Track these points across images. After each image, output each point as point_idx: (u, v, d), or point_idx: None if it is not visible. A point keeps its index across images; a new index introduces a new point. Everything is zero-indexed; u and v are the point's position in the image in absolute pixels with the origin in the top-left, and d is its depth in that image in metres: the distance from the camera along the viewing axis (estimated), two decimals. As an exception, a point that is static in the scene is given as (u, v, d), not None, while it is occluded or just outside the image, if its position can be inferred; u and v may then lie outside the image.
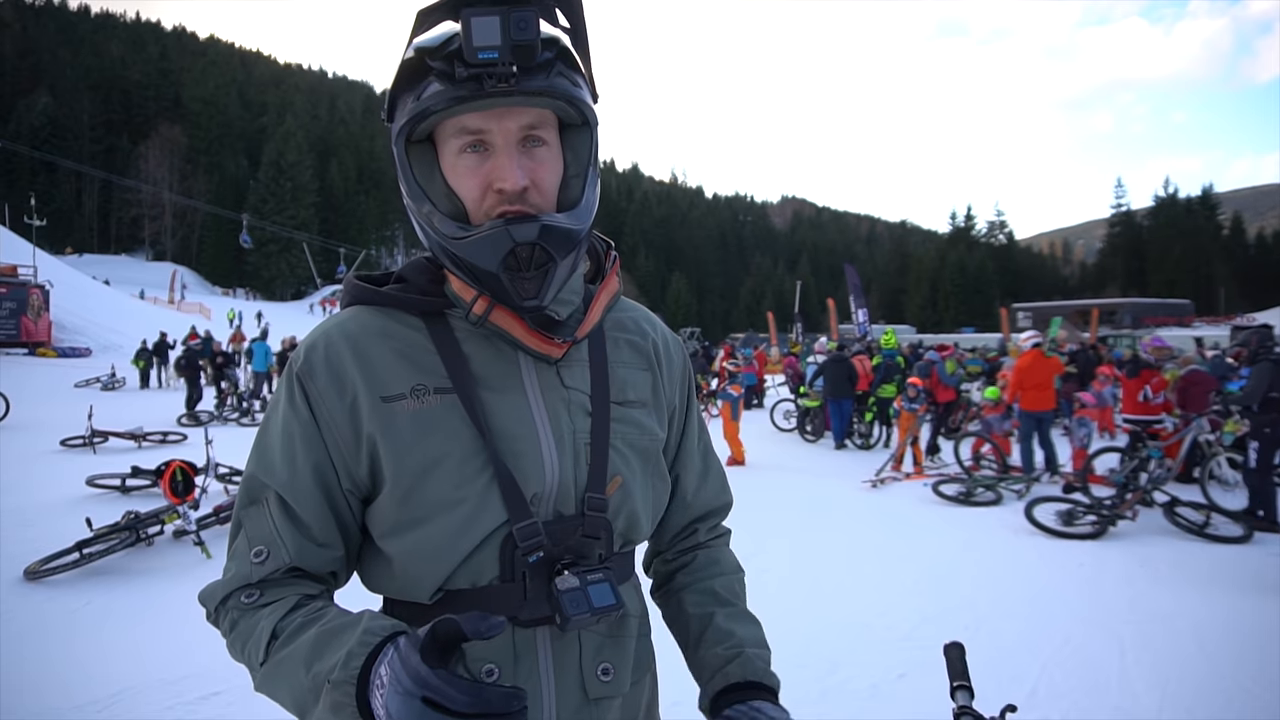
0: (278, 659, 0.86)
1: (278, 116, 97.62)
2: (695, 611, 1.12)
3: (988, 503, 7.99)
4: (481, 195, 0.92)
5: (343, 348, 0.97)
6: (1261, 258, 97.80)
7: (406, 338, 0.98)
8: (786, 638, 4.24)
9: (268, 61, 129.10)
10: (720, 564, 1.19)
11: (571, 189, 0.97)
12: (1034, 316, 50.58)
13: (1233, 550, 6.25)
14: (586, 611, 0.90)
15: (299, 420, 0.96)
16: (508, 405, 0.96)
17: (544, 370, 1.00)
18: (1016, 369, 9.38)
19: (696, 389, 1.19)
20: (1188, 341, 24.33)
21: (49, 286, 27.75)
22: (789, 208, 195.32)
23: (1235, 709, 3.58)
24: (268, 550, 0.93)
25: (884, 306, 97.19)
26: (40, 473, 8.83)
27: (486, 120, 0.90)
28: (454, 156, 0.93)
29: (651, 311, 1.22)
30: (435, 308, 1.00)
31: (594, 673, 0.97)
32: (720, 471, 1.26)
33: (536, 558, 0.93)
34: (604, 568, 0.95)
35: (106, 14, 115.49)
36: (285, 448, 0.96)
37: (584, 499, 0.97)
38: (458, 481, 0.92)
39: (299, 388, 0.96)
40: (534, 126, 0.92)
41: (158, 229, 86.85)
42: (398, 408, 0.94)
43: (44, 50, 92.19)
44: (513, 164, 0.91)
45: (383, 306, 1.02)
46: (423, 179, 0.94)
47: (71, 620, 4.50)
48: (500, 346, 0.99)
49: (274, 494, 0.95)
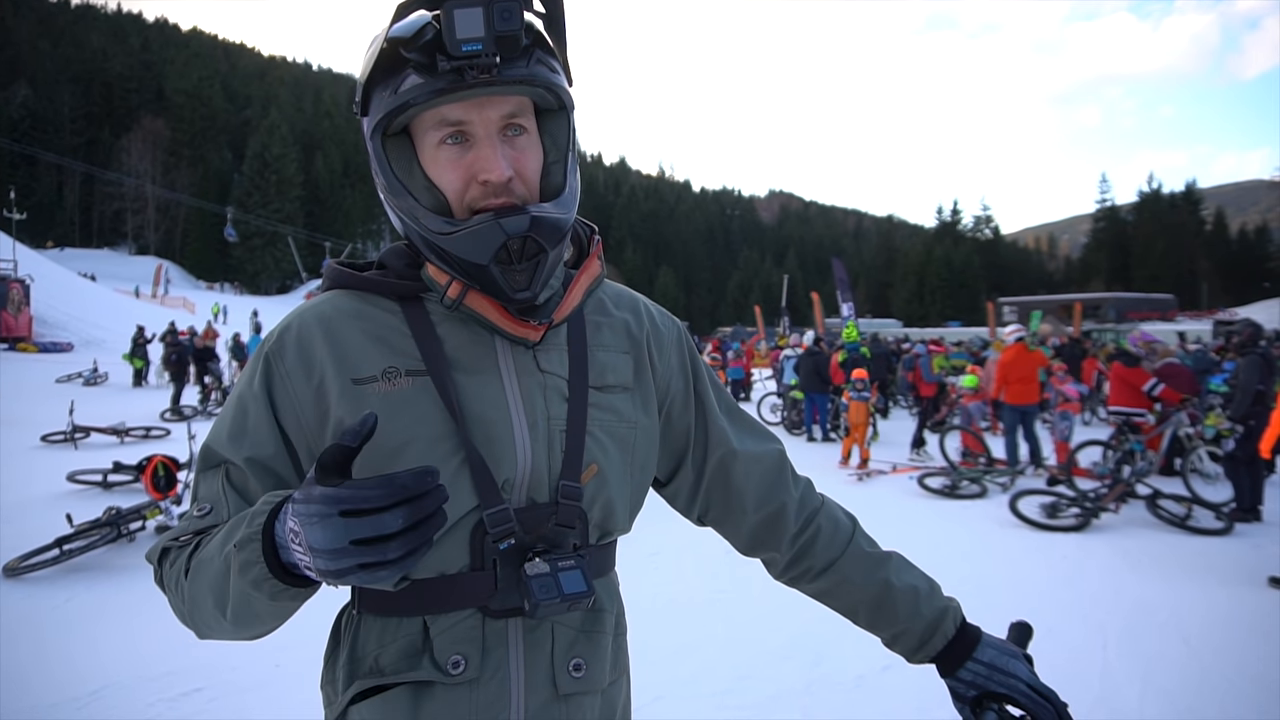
0: (196, 563, 0.86)
1: (262, 109, 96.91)
2: (867, 582, 1.13)
3: (973, 495, 8.04)
4: (464, 187, 0.91)
5: (315, 329, 0.97)
6: (1243, 253, 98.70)
7: (381, 320, 0.98)
8: (772, 631, 4.29)
9: (252, 54, 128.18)
10: (839, 521, 1.18)
11: (553, 176, 0.96)
12: (1019, 311, 50.89)
13: (1214, 542, 6.31)
14: (556, 598, 0.87)
15: (253, 397, 0.96)
16: (481, 388, 0.95)
17: (520, 354, 0.98)
18: (1000, 363, 9.43)
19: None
20: (1170, 336, 24.60)
21: (29, 281, 27.44)
22: (776, 202, 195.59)
23: (1217, 699, 3.61)
24: (210, 506, 0.93)
25: (871, 300, 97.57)
26: (21, 469, 8.74)
27: (467, 111, 0.89)
28: (433, 149, 0.91)
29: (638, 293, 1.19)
30: (410, 291, 0.99)
31: (565, 668, 0.95)
32: (752, 418, 1.22)
33: (507, 545, 0.91)
34: (577, 556, 0.93)
35: (87, 5, 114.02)
36: (237, 421, 0.95)
37: (558, 486, 0.95)
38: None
39: (264, 366, 0.97)
40: (514, 115, 0.91)
41: (141, 223, 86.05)
42: (369, 389, 0.93)
43: (22, 41, 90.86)
44: (496, 155, 0.90)
45: (359, 290, 1.01)
46: (401, 172, 0.93)
47: (52, 617, 4.45)
48: (476, 330, 0.98)
49: (225, 464, 0.95)
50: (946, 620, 1.10)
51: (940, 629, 1.09)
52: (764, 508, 1.15)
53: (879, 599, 1.12)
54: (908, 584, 1.12)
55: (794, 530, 1.15)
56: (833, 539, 1.15)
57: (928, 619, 1.10)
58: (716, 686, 3.67)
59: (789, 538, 1.15)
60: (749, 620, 4.47)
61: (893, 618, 1.11)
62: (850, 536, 1.16)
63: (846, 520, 1.19)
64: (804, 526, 1.16)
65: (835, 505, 1.21)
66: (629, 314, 1.11)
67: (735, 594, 4.88)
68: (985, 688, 1.03)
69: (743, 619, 4.50)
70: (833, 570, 1.14)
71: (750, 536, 1.17)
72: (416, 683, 0.91)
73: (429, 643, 0.92)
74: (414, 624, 0.93)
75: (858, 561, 1.14)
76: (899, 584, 1.12)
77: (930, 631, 1.09)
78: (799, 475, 1.21)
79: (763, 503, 1.15)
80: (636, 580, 1.56)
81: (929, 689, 1.14)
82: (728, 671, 3.83)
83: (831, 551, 1.14)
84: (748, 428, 1.19)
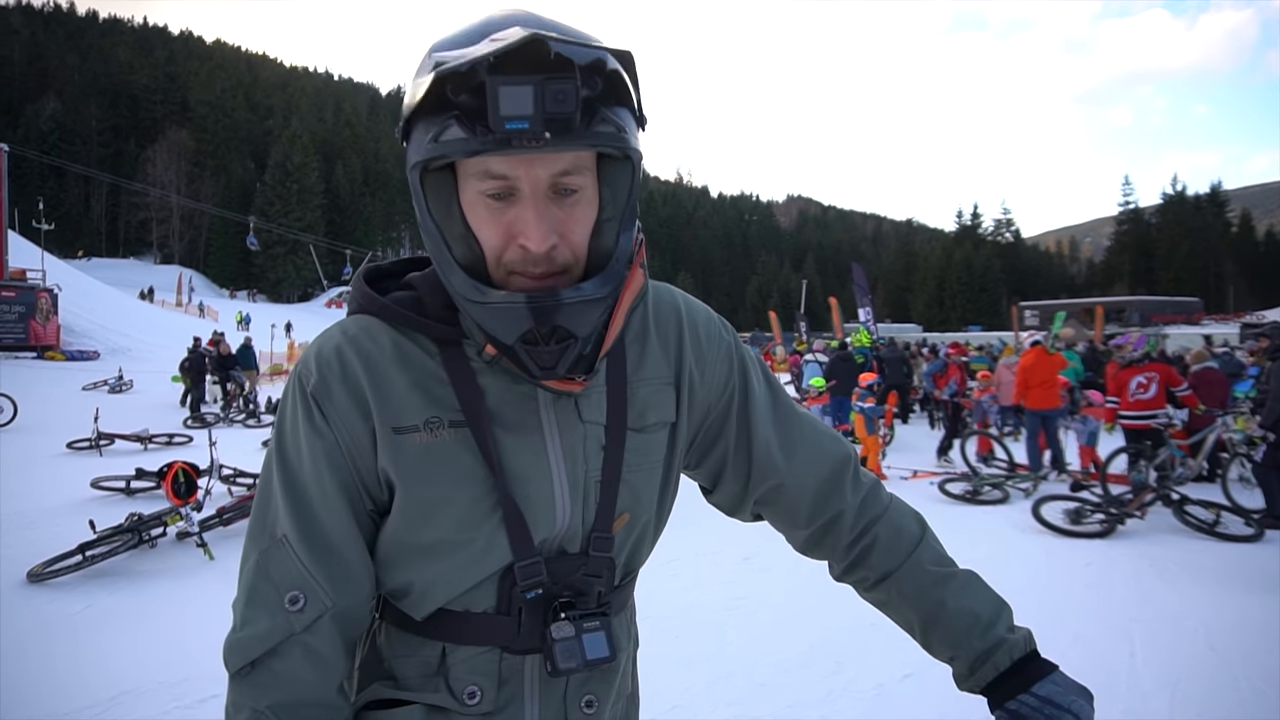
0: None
1: (284, 119, 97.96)
2: (920, 600, 1.05)
3: (994, 501, 7.94)
4: (503, 245, 0.83)
5: (359, 367, 0.90)
6: (1270, 255, 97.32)
7: (420, 363, 0.91)
8: (792, 638, 4.25)
9: (273, 64, 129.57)
10: (902, 530, 1.09)
11: (604, 236, 0.85)
12: (1040, 315, 50.37)
13: (1243, 549, 6.18)
14: (579, 664, 0.89)
15: (323, 442, 0.89)
16: (522, 445, 0.90)
17: (563, 405, 0.93)
18: (1020, 368, 9.31)
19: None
20: (1196, 340, 24.19)
21: (57, 290, 27.84)
22: (795, 206, 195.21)
23: (1246, 709, 3.53)
24: (302, 594, 0.86)
25: (890, 305, 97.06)
26: (46, 475, 8.85)
27: (514, 167, 0.80)
28: (474, 195, 0.82)
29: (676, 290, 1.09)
30: (450, 337, 0.92)
31: (578, 703, 0.96)
32: (812, 425, 1.12)
33: (535, 594, 0.91)
34: (601, 614, 0.92)
35: (114, 19, 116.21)
36: (291, 491, 0.89)
37: (590, 538, 0.93)
38: (466, 522, 0.89)
39: (315, 407, 0.89)
40: (566, 173, 0.81)
41: (165, 232, 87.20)
42: (409, 440, 0.88)
43: (52, 56, 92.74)
44: (540, 220, 0.81)
45: (395, 322, 0.93)
46: (439, 212, 0.84)
47: (73, 622, 4.48)
48: (517, 380, 0.92)
49: (292, 529, 0.88)
50: (1000, 652, 1.00)
51: (991, 660, 1.00)
52: (817, 520, 1.10)
53: (931, 619, 1.04)
54: (966, 608, 1.03)
55: (849, 539, 1.10)
56: (891, 550, 1.08)
57: (979, 649, 1.01)
58: (734, 695, 3.63)
59: (844, 546, 1.10)
60: (767, 628, 4.43)
61: (944, 641, 1.04)
62: (912, 549, 1.08)
63: (914, 529, 1.10)
64: (860, 535, 1.10)
65: (904, 512, 1.12)
66: (672, 332, 1.02)
67: (753, 601, 4.83)
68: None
69: (761, 626, 4.46)
70: (888, 583, 1.07)
71: (804, 542, 1.14)
72: (429, 706, 0.92)
73: (445, 668, 0.92)
74: (433, 647, 0.93)
75: (914, 576, 1.06)
76: (955, 607, 1.03)
77: (980, 661, 1.01)
78: (863, 478, 1.13)
79: (815, 516, 1.10)
80: (653, 588, 1.54)
81: (950, 699, 1.11)
82: (745, 680, 3.79)
83: (888, 563, 1.07)
84: (803, 438, 1.10)
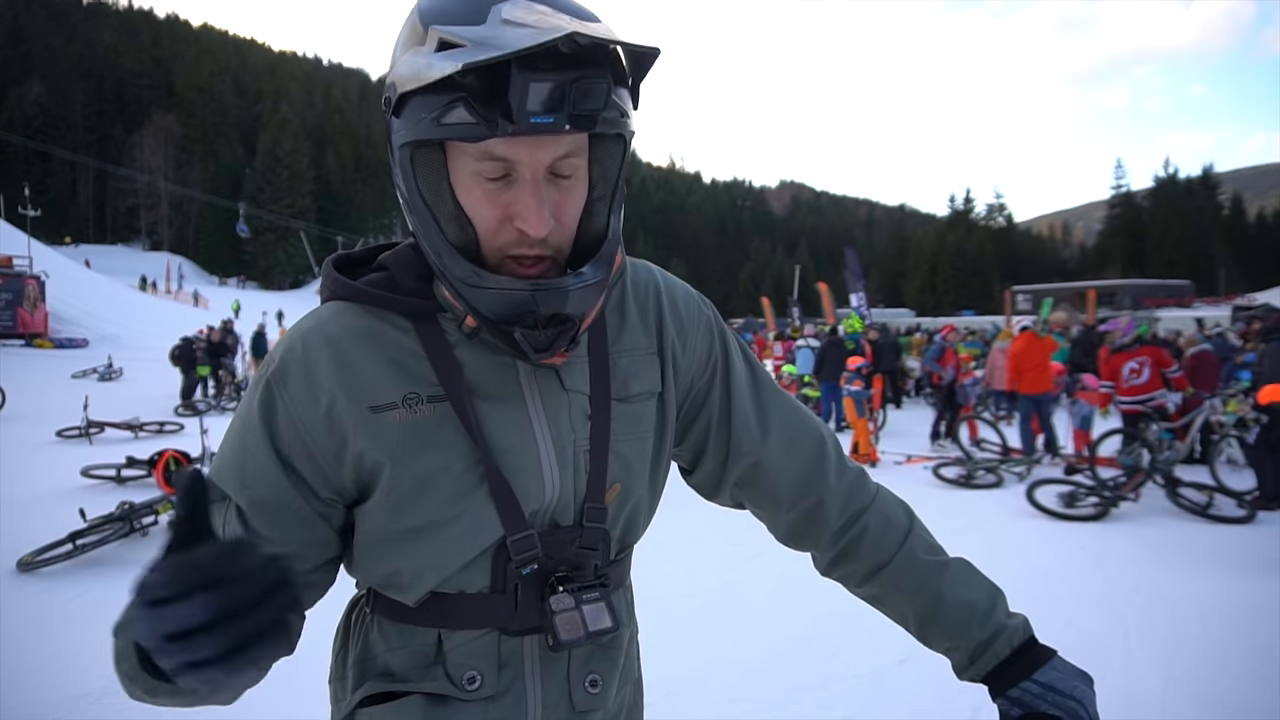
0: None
1: (273, 104, 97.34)
2: (916, 593, 1.02)
3: (989, 485, 7.96)
4: (498, 226, 0.81)
5: (321, 352, 0.87)
6: (1261, 237, 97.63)
7: (394, 340, 0.88)
8: (786, 624, 4.24)
9: (262, 49, 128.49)
10: (892, 520, 1.06)
11: (595, 216, 0.85)
12: (1033, 299, 50.50)
13: (1236, 530, 6.21)
14: (581, 636, 0.86)
15: (251, 428, 0.87)
16: (505, 416, 0.88)
17: (544, 375, 0.91)
18: (1012, 352, 9.33)
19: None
20: (1188, 322, 24.30)
21: (45, 277, 27.64)
22: (788, 192, 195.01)
23: (1240, 690, 3.54)
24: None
25: (883, 290, 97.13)
26: (35, 463, 8.78)
27: (516, 150, 0.77)
28: (469, 175, 0.80)
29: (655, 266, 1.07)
30: (425, 311, 0.90)
31: (581, 684, 0.93)
32: (790, 404, 1.09)
33: (530, 570, 0.88)
34: (600, 584, 0.90)
35: (98, 2, 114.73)
36: (238, 455, 0.88)
37: (583, 509, 0.91)
38: (453, 497, 0.86)
39: (264, 393, 0.88)
40: (568, 156, 0.80)
41: (154, 218, 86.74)
42: (388, 418, 0.85)
43: (35, 39, 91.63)
44: (540, 205, 0.79)
45: (366, 304, 0.91)
46: (428, 190, 0.81)
47: (65, 611, 4.45)
48: (496, 352, 0.90)
49: (231, 503, 0.86)
50: (1000, 640, 0.98)
51: (992, 648, 0.97)
52: (800, 503, 1.06)
53: (928, 612, 1.01)
54: (963, 598, 1.00)
55: (835, 527, 1.06)
56: (881, 541, 1.04)
57: (978, 639, 0.98)
58: (730, 680, 3.63)
59: (829, 535, 1.06)
60: (762, 613, 4.43)
61: (942, 633, 1.01)
62: (903, 539, 1.04)
63: (902, 520, 1.06)
64: (848, 524, 1.06)
65: (891, 501, 1.09)
66: (651, 304, 1.01)
67: (748, 586, 4.83)
68: (1033, 707, 0.92)
69: (756, 612, 4.46)
70: (880, 577, 1.04)
71: (787, 530, 1.10)
72: (428, 694, 0.89)
73: (443, 655, 0.90)
74: (429, 635, 0.90)
75: (908, 569, 1.03)
76: (952, 598, 1.00)
77: (980, 650, 0.98)
78: (847, 465, 1.09)
79: (798, 498, 1.06)
80: (646, 573, 1.52)
81: (947, 683, 1.09)
82: (741, 665, 3.78)
83: (879, 555, 1.04)
84: (782, 418, 1.07)
